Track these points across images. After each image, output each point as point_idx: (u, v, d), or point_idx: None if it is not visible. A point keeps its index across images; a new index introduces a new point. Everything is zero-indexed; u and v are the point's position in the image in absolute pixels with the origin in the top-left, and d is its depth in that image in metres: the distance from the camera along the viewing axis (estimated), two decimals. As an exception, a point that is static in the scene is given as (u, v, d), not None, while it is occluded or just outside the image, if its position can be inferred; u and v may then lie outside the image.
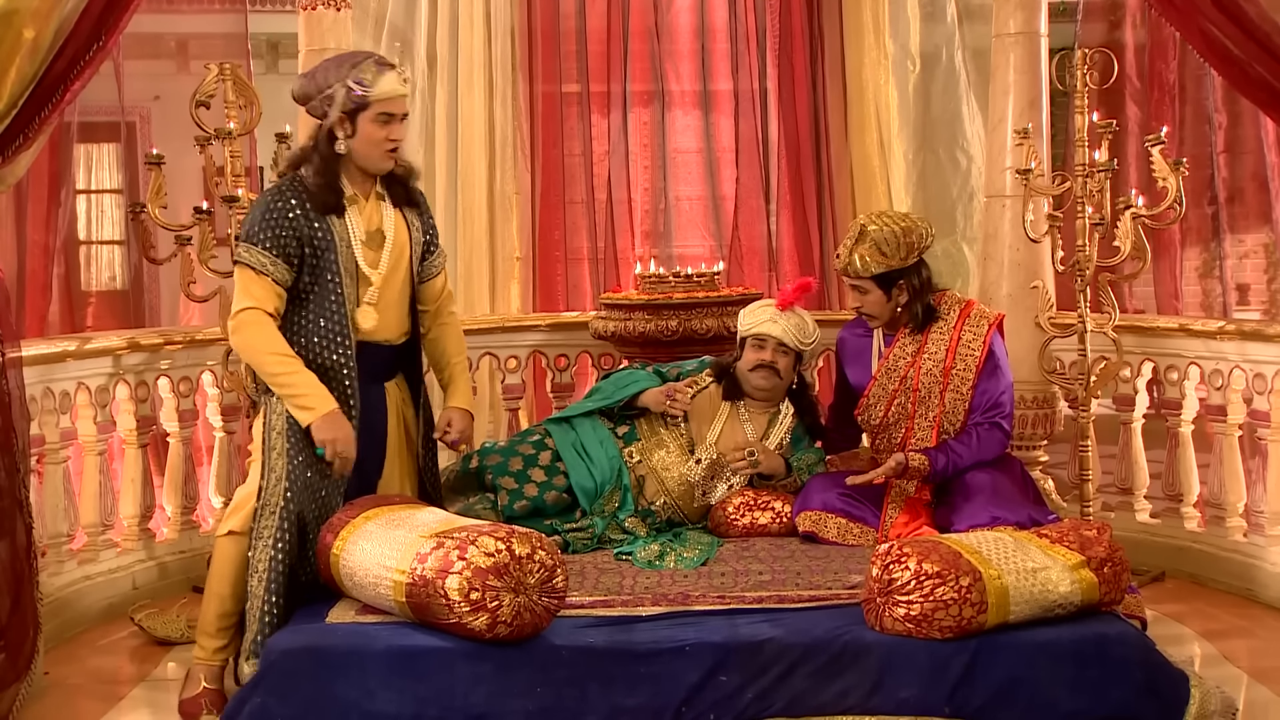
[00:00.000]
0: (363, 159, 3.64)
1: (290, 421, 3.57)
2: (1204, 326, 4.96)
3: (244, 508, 3.61)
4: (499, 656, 3.15)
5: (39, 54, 3.72)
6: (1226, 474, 4.86)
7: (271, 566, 3.47)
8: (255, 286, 3.56)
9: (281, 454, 3.56)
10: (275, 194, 3.61)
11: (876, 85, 6.56)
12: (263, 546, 3.50)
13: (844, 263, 4.11)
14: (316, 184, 3.60)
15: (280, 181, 3.68)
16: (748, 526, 4.14)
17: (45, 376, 4.50)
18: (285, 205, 3.58)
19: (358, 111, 3.57)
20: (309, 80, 3.66)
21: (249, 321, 3.56)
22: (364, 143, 3.61)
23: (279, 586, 3.47)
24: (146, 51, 7.48)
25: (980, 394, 4.08)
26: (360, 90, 3.54)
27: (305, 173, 3.63)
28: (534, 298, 6.67)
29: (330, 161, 3.61)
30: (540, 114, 6.75)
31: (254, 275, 3.55)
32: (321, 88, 3.59)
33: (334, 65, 3.62)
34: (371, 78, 3.55)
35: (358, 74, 3.55)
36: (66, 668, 4.19)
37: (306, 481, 3.57)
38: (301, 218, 3.58)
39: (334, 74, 3.58)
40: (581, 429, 4.34)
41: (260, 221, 3.57)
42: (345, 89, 3.55)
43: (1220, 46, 4.15)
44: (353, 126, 3.59)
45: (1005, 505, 3.90)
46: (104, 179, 8.06)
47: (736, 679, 3.15)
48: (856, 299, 4.17)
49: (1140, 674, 3.15)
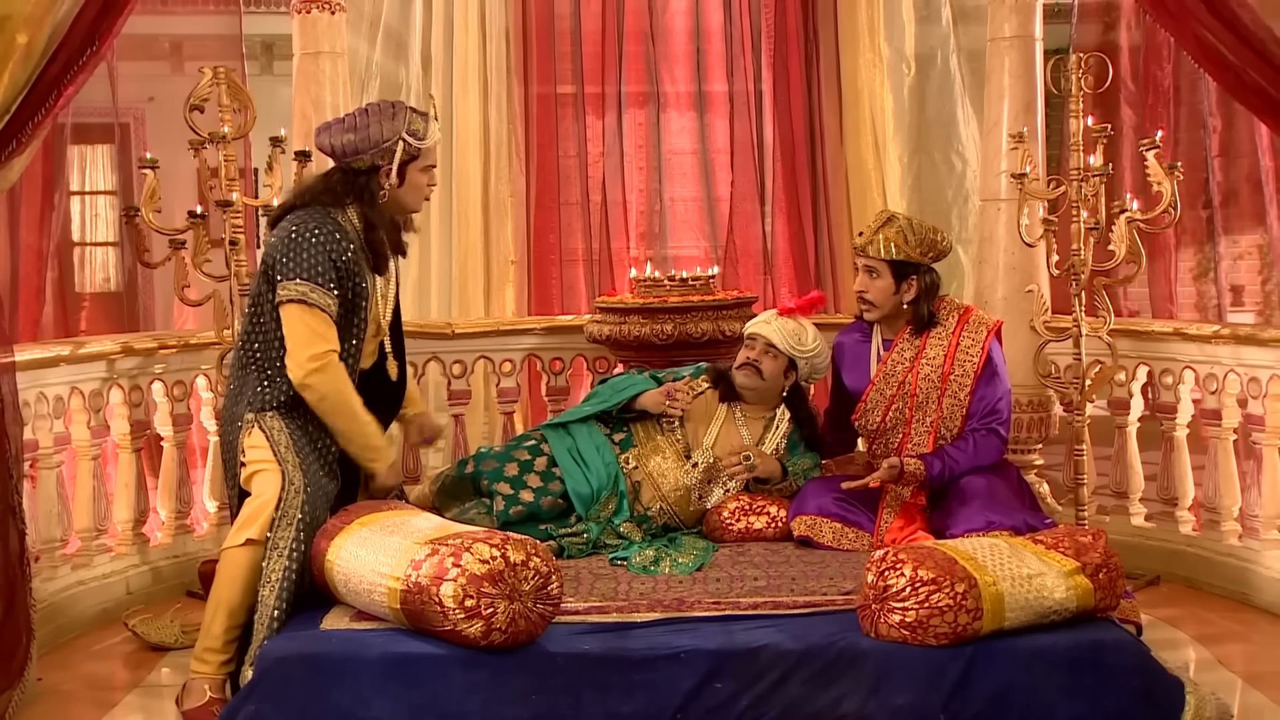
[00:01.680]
0: (405, 207, 3.77)
1: (292, 435, 3.61)
2: (1199, 330, 4.96)
3: (260, 516, 3.57)
4: (494, 664, 3.15)
5: (32, 59, 3.70)
6: (1221, 478, 4.86)
7: (285, 577, 3.48)
8: (325, 329, 3.59)
9: (297, 467, 3.58)
10: (327, 233, 3.61)
11: (871, 88, 6.56)
12: (278, 557, 3.50)
13: (865, 241, 4.15)
14: (375, 239, 3.67)
15: (316, 214, 3.65)
16: (743, 531, 4.14)
17: (38, 381, 4.49)
18: (343, 248, 3.61)
19: (408, 163, 3.68)
20: (357, 135, 3.65)
21: (335, 365, 3.60)
22: (411, 190, 3.74)
23: (289, 595, 3.47)
24: (141, 53, 7.47)
25: (978, 400, 4.09)
26: (415, 143, 3.67)
27: (345, 220, 3.67)
28: (529, 301, 6.66)
29: (381, 209, 3.70)
30: (535, 116, 6.74)
31: (322, 317, 3.58)
32: (376, 142, 3.64)
33: (380, 117, 3.66)
34: (423, 129, 3.69)
35: (410, 126, 3.66)
36: (60, 674, 4.17)
37: (320, 486, 3.62)
38: (353, 263, 3.63)
39: (387, 127, 3.64)
40: (578, 435, 4.34)
41: (324, 262, 3.57)
42: (403, 143, 3.64)
43: (1215, 52, 4.15)
44: (401, 177, 3.69)
45: (1001, 510, 3.91)
46: (98, 180, 8.05)
47: (732, 686, 3.15)
48: (864, 282, 4.17)
49: (1136, 681, 3.16)
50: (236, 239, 4.75)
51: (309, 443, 3.67)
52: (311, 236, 3.59)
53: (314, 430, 3.68)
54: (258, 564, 3.53)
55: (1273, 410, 4.64)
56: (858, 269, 4.23)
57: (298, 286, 3.57)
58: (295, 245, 3.59)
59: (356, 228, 3.68)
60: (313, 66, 5.60)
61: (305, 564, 3.51)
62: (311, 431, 3.68)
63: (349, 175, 3.69)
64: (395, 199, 3.73)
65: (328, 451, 3.72)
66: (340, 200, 3.68)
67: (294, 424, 3.65)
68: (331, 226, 3.62)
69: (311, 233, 3.59)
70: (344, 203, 3.68)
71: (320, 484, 3.63)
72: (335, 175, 3.72)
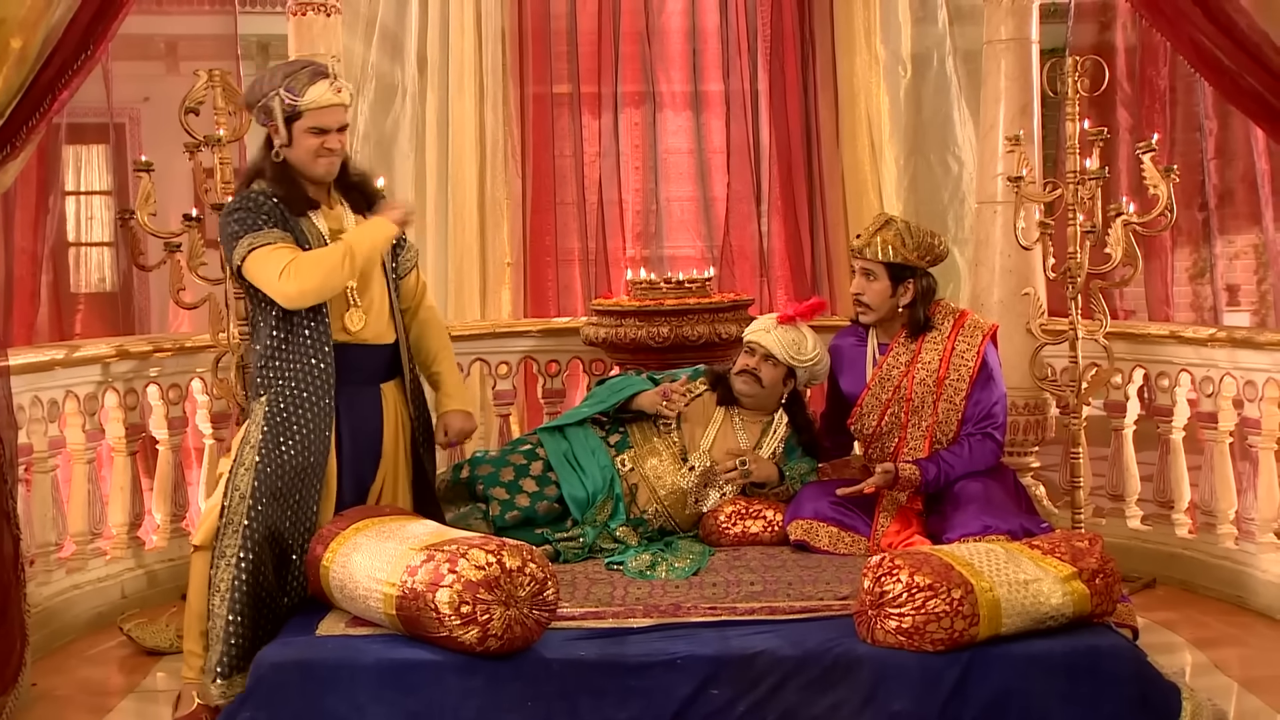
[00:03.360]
0: (300, 167, 3.61)
1: (264, 433, 3.52)
2: (1195, 334, 4.97)
3: (206, 521, 3.58)
4: (489, 670, 3.14)
5: (26, 63, 3.70)
6: (1217, 481, 4.86)
7: (235, 587, 3.41)
8: (275, 253, 3.48)
9: (250, 469, 3.50)
10: (244, 196, 3.59)
11: (868, 90, 6.57)
12: (225, 565, 3.45)
13: (863, 243, 4.14)
14: (276, 190, 3.58)
15: (234, 199, 3.64)
16: (739, 535, 4.13)
17: (33, 385, 4.48)
18: (261, 200, 3.56)
19: (291, 120, 3.56)
20: (252, 87, 3.64)
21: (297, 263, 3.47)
22: (299, 151, 3.58)
23: (243, 606, 3.41)
24: (136, 53, 7.44)
25: (974, 404, 4.09)
26: (290, 99, 3.53)
27: (258, 186, 3.61)
28: (525, 303, 6.66)
29: (279, 167, 3.60)
30: (531, 116, 6.74)
31: (273, 247, 3.49)
32: (259, 95, 3.58)
33: (273, 73, 3.62)
34: (301, 87, 3.54)
35: (290, 82, 3.54)
36: (55, 679, 4.17)
37: (276, 492, 3.50)
38: (277, 210, 3.56)
39: (266, 83, 3.58)
40: (574, 438, 4.33)
41: (247, 215, 3.53)
42: (279, 98, 3.54)
43: (1211, 57, 4.15)
44: (289, 135, 3.57)
45: (997, 514, 3.90)
46: (93, 180, 8.02)
47: (728, 692, 3.14)
48: (860, 285, 4.16)
49: (1132, 687, 3.15)
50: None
51: (299, 425, 3.54)
52: (230, 208, 3.59)
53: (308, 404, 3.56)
54: None
55: (1269, 413, 4.65)
56: (854, 271, 4.23)
57: (241, 248, 3.51)
58: (224, 226, 3.58)
59: (264, 188, 3.61)
60: (308, 69, 5.58)
61: (264, 571, 3.45)
62: (306, 405, 3.55)
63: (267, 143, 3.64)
64: (292, 160, 3.60)
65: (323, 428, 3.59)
66: (261, 170, 3.62)
67: (277, 408, 3.54)
68: (244, 197, 3.58)
69: (229, 208, 3.60)
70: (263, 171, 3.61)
71: (278, 484, 3.50)
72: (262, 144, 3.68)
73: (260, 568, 3.45)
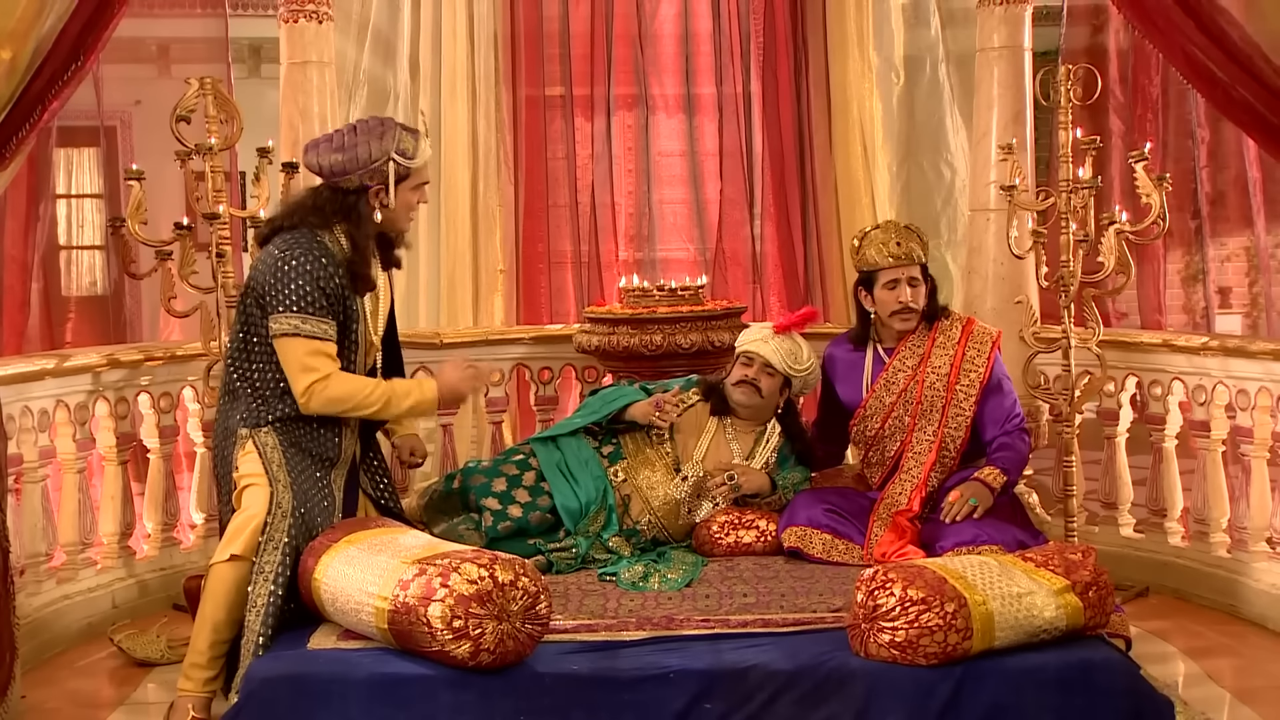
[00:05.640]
0: (394, 225, 3.72)
1: (286, 452, 3.58)
2: (1187, 342, 4.97)
3: (245, 531, 3.53)
4: (482, 684, 3.13)
5: (16, 74, 3.69)
6: (1210, 489, 4.87)
7: (270, 602, 3.43)
8: (317, 358, 3.54)
9: (287, 487, 3.55)
10: (314, 260, 3.56)
11: (860, 97, 6.55)
12: (263, 582, 3.46)
13: (903, 250, 4.16)
14: (357, 261, 3.62)
15: (302, 238, 3.60)
16: (732, 545, 4.13)
17: (23, 395, 4.46)
18: (329, 273, 3.57)
19: (399, 181, 3.64)
20: (345, 155, 3.60)
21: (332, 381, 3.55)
22: (402, 209, 3.69)
23: (274, 621, 3.43)
24: (127, 56, 7.40)
25: (994, 409, 4.15)
26: (404, 162, 3.62)
27: (333, 242, 3.62)
28: (518, 310, 6.63)
29: (371, 237, 3.66)
30: (524, 119, 6.72)
31: (315, 344, 3.54)
32: (365, 162, 3.59)
33: (368, 137, 3.61)
34: (413, 148, 3.64)
35: (400, 145, 3.61)
36: (44, 690, 4.15)
37: (311, 509, 3.58)
38: (341, 287, 3.60)
39: (375, 147, 3.59)
40: (566, 449, 4.32)
41: (313, 290, 3.53)
42: (394, 163, 3.60)
43: (1203, 69, 4.15)
44: (389, 195, 3.64)
45: (991, 524, 3.91)
46: (84, 184, 7.98)
47: (721, 706, 3.14)
48: (908, 295, 4.14)
49: (1126, 701, 3.15)
50: (224, 251, 4.73)
51: (305, 461, 3.63)
52: (300, 265, 3.54)
53: (310, 446, 3.65)
54: (243, 580, 3.50)
55: (1261, 422, 4.65)
56: (893, 284, 4.15)
57: (289, 320, 3.53)
58: (284, 275, 3.54)
59: (344, 249, 3.63)
60: (300, 76, 5.58)
61: (291, 588, 3.47)
62: (307, 447, 3.64)
63: (337, 194, 3.63)
64: (387, 218, 3.68)
65: (326, 471, 3.69)
66: (328, 221, 3.63)
67: (288, 440, 3.62)
68: (319, 252, 3.58)
69: (299, 259, 3.55)
70: (331, 224, 3.63)
71: (312, 506, 3.58)
72: (324, 194, 3.66)
73: (292, 585, 3.48)
